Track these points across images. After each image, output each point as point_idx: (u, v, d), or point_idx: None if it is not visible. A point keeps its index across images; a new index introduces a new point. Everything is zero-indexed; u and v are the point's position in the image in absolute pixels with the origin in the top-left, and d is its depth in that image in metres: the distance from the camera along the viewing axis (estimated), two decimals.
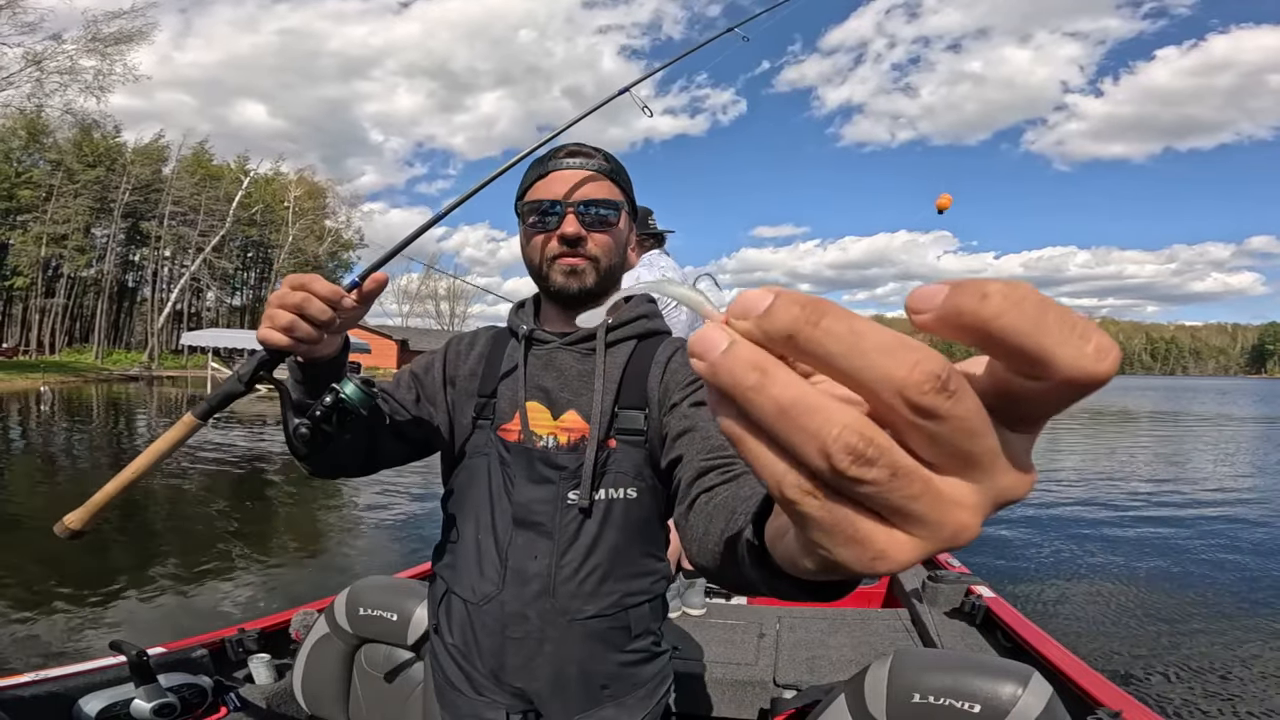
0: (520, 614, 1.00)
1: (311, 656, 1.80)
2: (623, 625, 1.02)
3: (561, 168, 1.02)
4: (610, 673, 1.03)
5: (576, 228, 1.00)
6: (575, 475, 0.99)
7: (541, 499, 1.00)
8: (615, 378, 1.02)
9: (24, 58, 33.73)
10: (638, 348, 1.06)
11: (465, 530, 1.06)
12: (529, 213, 1.03)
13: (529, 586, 1.00)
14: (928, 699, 1.12)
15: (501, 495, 1.02)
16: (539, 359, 1.06)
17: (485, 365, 1.11)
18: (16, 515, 6.96)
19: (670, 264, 2.73)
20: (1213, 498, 8.55)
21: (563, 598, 0.99)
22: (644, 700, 1.06)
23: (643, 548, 1.03)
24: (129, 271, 50.67)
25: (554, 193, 1.01)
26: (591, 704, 1.03)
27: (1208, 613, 4.49)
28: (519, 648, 1.01)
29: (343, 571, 5.20)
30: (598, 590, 1.00)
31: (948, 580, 2.57)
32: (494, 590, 1.01)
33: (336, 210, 58.69)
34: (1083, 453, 13.61)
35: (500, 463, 1.03)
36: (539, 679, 1.01)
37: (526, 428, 1.02)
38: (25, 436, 13.75)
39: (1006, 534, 6.58)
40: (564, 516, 0.99)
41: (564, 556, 0.99)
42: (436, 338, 63.01)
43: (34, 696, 1.48)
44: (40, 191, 42.51)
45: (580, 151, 1.04)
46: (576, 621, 1.00)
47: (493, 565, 1.02)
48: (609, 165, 1.04)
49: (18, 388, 26.28)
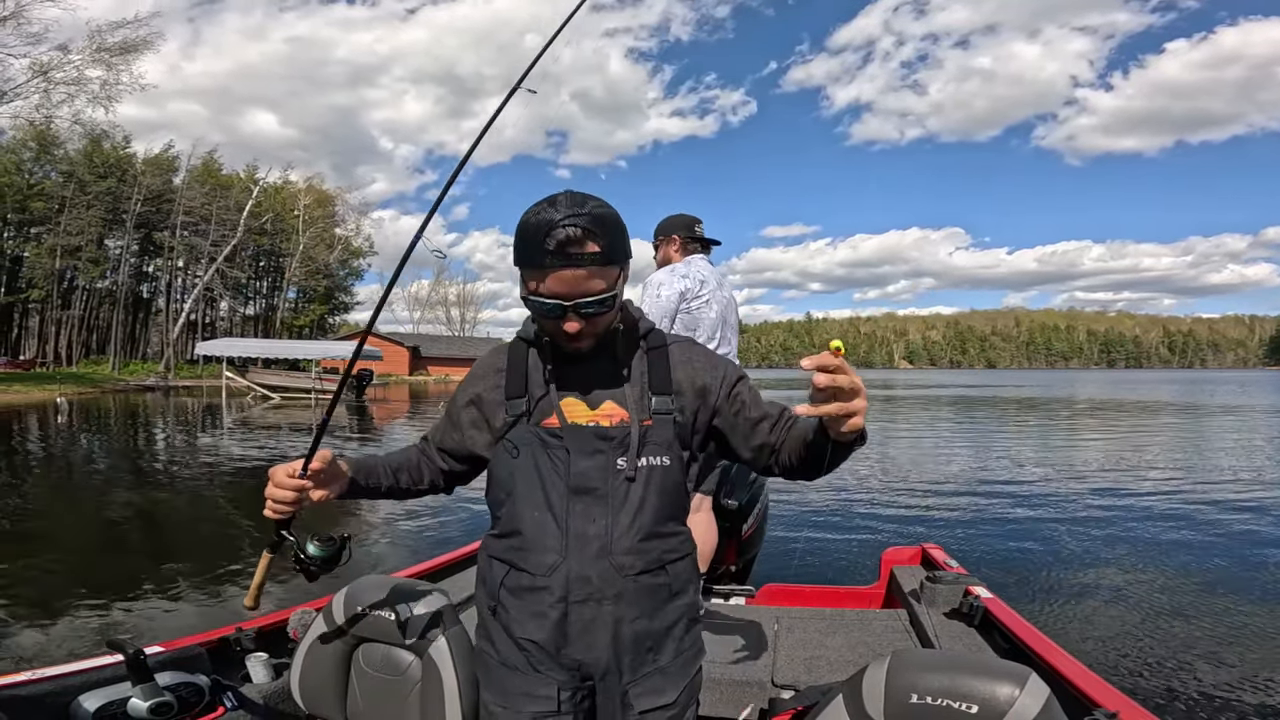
0: (583, 576, 1.16)
1: (309, 656, 1.81)
2: (664, 582, 1.20)
3: (559, 267, 1.08)
4: (656, 632, 1.20)
5: (578, 324, 1.13)
6: (622, 445, 1.18)
7: (595, 467, 1.17)
8: (641, 371, 1.23)
9: (30, 68, 34.15)
10: (648, 348, 1.27)
11: (522, 512, 1.20)
12: (533, 307, 1.16)
13: (589, 548, 1.16)
14: (925, 700, 1.11)
15: (552, 473, 1.18)
16: (566, 363, 1.22)
17: (510, 373, 1.27)
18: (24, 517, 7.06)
19: (697, 273, 2.92)
20: (1214, 496, 8.43)
21: (617, 554, 1.16)
22: (683, 669, 1.23)
23: (673, 510, 1.22)
24: (143, 282, 51.29)
25: (554, 292, 1.11)
26: (639, 670, 1.19)
27: (1208, 612, 4.44)
28: (580, 613, 1.16)
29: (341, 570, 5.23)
30: (643, 547, 1.18)
31: (946, 581, 2.55)
32: (558, 559, 1.17)
33: (346, 218, 59.11)
34: (1083, 452, 13.46)
35: (545, 447, 1.19)
36: (597, 646, 1.17)
37: (563, 417, 1.19)
38: (44, 445, 13.92)
39: (1005, 535, 6.53)
40: (614, 481, 1.17)
41: (617, 517, 1.17)
42: (447, 344, 63.30)
43: (31, 695, 1.49)
44: (53, 203, 43.02)
45: (571, 241, 1.06)
46: (629, 577, 1.17)
47: (554, 536, 1.17)
48: (600, 250, 1.09)
49: (35, 399, 26.61)
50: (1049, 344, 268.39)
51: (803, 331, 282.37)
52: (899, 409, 27.36)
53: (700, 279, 2.90)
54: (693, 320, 2.86)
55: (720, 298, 2.97)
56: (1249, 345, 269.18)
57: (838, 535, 6.48)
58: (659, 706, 1.19)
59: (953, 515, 7.38)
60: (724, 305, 2.98)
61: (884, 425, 19.48)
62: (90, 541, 6.32)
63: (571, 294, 1.10)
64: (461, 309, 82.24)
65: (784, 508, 7.38)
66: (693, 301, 2.86)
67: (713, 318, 2.90)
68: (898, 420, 21.62)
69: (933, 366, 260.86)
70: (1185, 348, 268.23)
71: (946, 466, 11.04)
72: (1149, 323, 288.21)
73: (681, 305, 2.84)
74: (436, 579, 2.82)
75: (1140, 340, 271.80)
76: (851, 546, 6.03)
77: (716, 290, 2.95)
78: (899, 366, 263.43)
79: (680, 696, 1.22)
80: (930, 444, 14.67)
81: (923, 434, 17.13)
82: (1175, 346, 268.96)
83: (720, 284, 2.99)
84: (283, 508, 1.19)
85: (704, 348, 1.32)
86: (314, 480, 1.20)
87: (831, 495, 8.35)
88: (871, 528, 6.77)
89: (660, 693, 1.20)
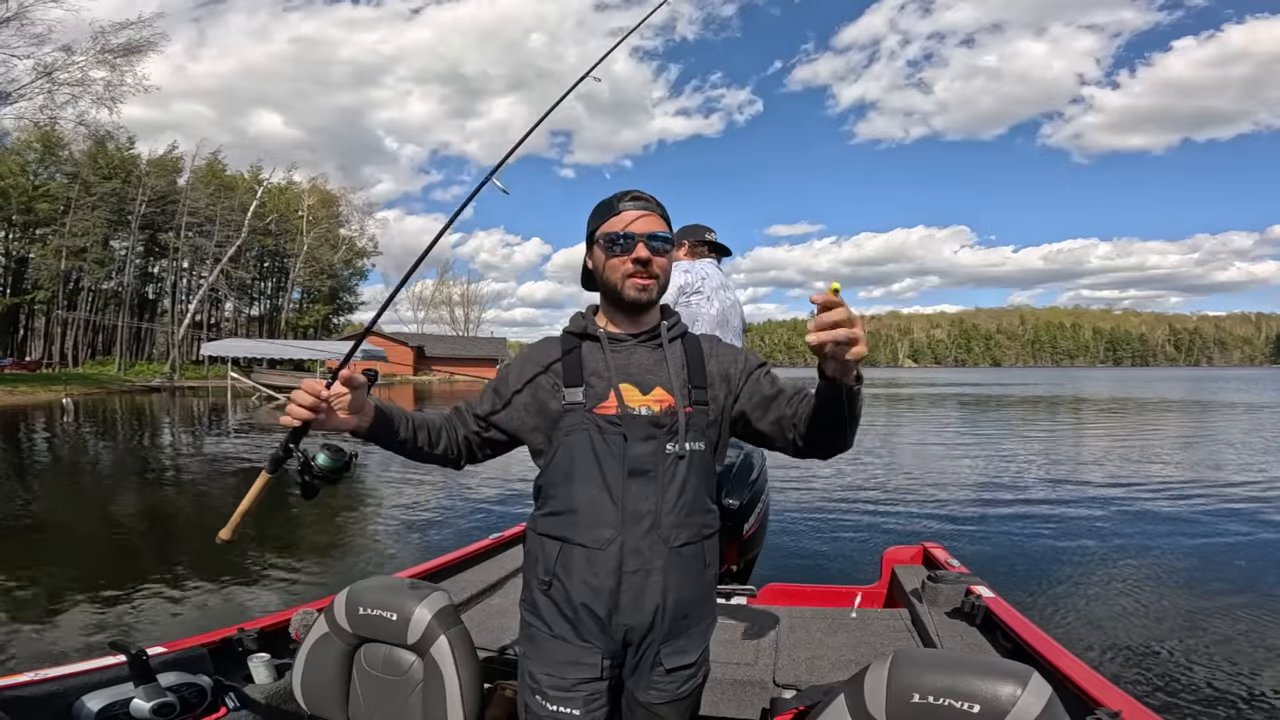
0: (636, 549, 1.31)
1: (311, 656, 1.81)
2: (699, 555, 1.37)
3: (630, 208, 1.36)
4: (691, 600, 1.36)
5: (646, 253, 1.34)
6: (672, 431, 1.33)
7: (650, 451, 1.32)
8: (680, 363, 1.39)
9: (34, 69, 34.27)
10: (685, 342, 1.44)
11: (579, 491, 1.33)
12: (608, 241, 1.36)
13: (641, 523, 1.31)
14: (927, 699, 1.11)
15: (608, 456, 1.31)
16: (620, 353, 1.39)
17: (566, 362, 1.39)
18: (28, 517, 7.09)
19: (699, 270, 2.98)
20: (1219, 496, 8.41)
21: (665, 528, 1.32)
22: (704, 634, 1.42)
23: (707, 489, 1.39)
24: (148, 283, 51.32)
25: (627, 226, 1.35)
26: (673, 632, 1.35)
27: (1212, 612, 4.43)
28: (632, 581, 1.31)
29: (342, 571, 5.24)
30: (686, 521, 1.34)
31: (948, 580, 2.54)
32: (614, 534, 1.31)
33: (350, 218, 59.19)
34: (1086, 451, 13.42)
35: (600, 432, 1.32)
36: (644, 611, 1.31)
37: (622, 403, 1.33)
38: (50, 445, 13.98)
39: (1007, 534, 6.53)
40: (665, 463, 1.32)
41: (665, 495, 1.32)
42: (451, 343, 63.37)
43: (34, 696, 1.50)
44: (58, 204, 43.14)
45: (641, 197, 1.38)
46: (673, 549, 1.32)
47: (610, 513, 1.31)
48: (660, 209, 1.39)
49: (41, 400, 26.73)
50: (1054, 342, 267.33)
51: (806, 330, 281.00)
52: (902, 408, 27.29)
53: (702, 275, 2.92)
54: (690, 315, 2.87)
55: (723, 297, 2.97)
56: (1255, 343, 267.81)
57: (839, 535, 6.48)
58: (682, 666, 1.37)
59: (954, 515, 7.37)
60: (726, 305, 2.98)
61: (886, 424, 19.45)
62: (94, 541, 6.35)
63: (642, 229, 1.34)
64: (466, 309, 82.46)
65: (785, 508, 7.38)
66: (692, 296, 2.88)
67: (713, 314, 2.91)
68: (901, 419, 21.59)
69: (937, 365, 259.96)
70: (1191, 345, 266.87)
71: (948, 465, 11.02)
72: (1155, 320, 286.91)
73: (680, 299, 2.86)
74: (438, 579, 2.82)
75: (1146, 338, 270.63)
76: (853, 546, 6.03)
77: (719, 290, 2.96)
78: (904, 365, 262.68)
79: (699, 657, 1.40)
80: (932, 443, 14.64)
81: (925, 433, 17.09)
82: (1181, 344, 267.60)
83: (724, 285, 3.00)
84: (301, 412, 1.22)
85: (727, 344, 1.49)
86: (339, 400, 1.25)
87: (833, 495, 8.34)
88: (873, 527, 6.76)
89: (685, 653, 1.37)
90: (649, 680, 1.36)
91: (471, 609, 2.66)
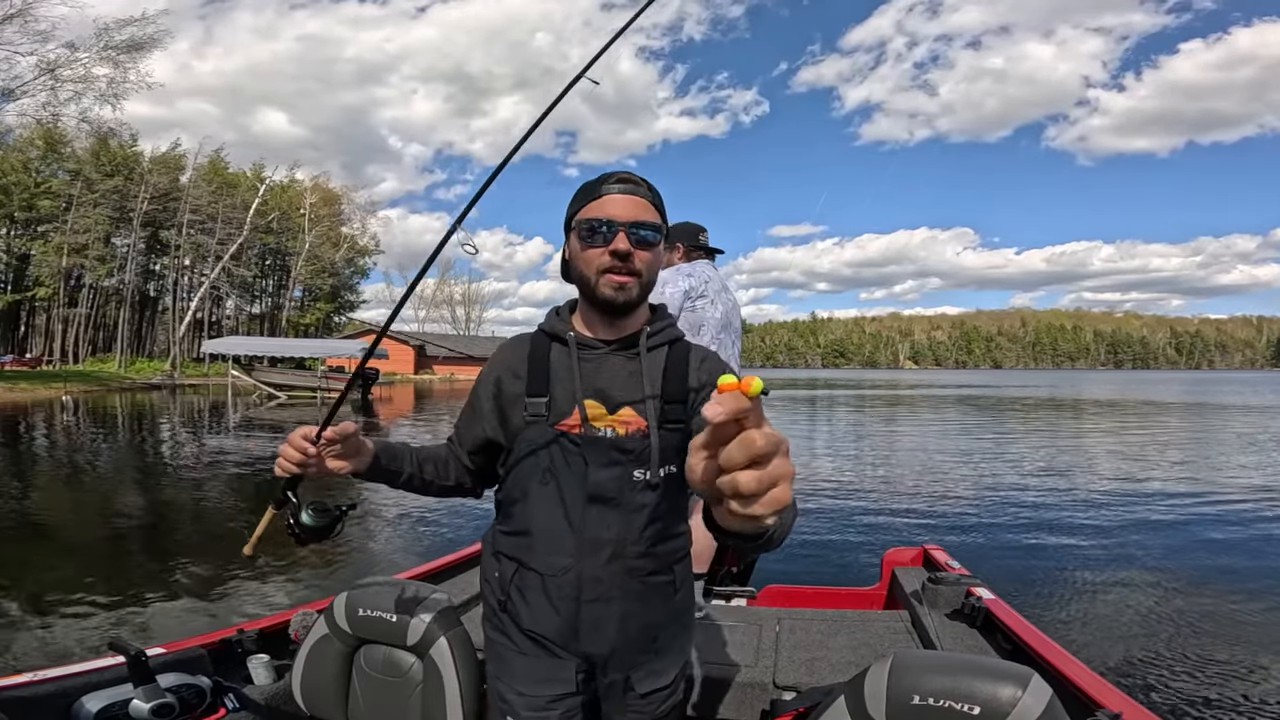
0: (595, 578, 1.19)
1: (311, 657, 1.81)
2: (669, 580, 1.26)
3: (614, 192, 1.18)
4: (661, 623, 1.26)
5: (627, 245, 1.15)
6: (640, 458, 1.18)
7: (613, 478, 1.18)
8: (658, 377, 1.22)
9: (37, 66, 34.27)
10: (671, 351, 1.25)
11: (535, 513, 1.22)
12: (583, 228, 1.18)
13: (602, 553, 1.19)
14: (927, 701, 1.11)
15: (569, 478, 1.19)
16: (590, 362, 1.23)
17: (530, 367, 1.25)
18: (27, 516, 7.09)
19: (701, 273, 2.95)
20: (1219, 497, 8.40)
21: (629, 558, 1.20)
22: (679, 654, 1.32)
23: (679, 513, 1.28)
24: (150, 280, 51.40)
25: (607, 213, 1.16)
26: (642, 657, 1.25)
27: (1212, 613, 4.42)
28: (591, 610, 1.20)
29: (342, 572, 5.24)
30: (653, 551, 1.22)
31: (948, 582, 2.54)
32: (571, 561, 1.19)
33: (352, 217, 59.21)
34: (1086, 453, 13.40)
35: (563, 451, 1.19)
36: (607, 640, 1.22)
37: (586, 421, 1.19)
38: (50, 443, 13.98)
39: (1008, 536, 6.52)
40: (631, 491, 1.19)
41: (630, 524, 1.19)
42: (453, 343, 63.30)
43: (32, 696, 1.49)
44: (60, 201, 43.17)
45: (629, 179, 1.20)
46: (639, 578, 1.21)
47: (568, 539, 1.19)
48: (652, 194, 1.21)
49: (42, 397, 26.74)
50: (1055, 344, 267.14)
51: (807, 331, 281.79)
52: (903, 409, 27.28)
53: (705, 278, 2.92)
54: (696, 319, 2.88)
55: (725, 299, 2.98)
56: (1256, 346, 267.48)
57: (839, 536, 6.47)
58: (657, 689, 1.28)
59: (955, 516, 7.36)
60: (729, 308, 2.99)
61: (887, 425, 19.44)
62: (92, 540, 6.35)
63: (625, 217, 1.16)
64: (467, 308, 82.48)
65: None
66: (697, 300, 2.89)
67: (717, 318, 2.93)
68: (901, 420, 21.57)
69: (938, 367, 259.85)
70: (1193, 348, 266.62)
71: (948, 467, 11.01)
72: (1156, 323, 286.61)
73: (686, 304, 2.86)
74: (438, 581, 2.82)
75: (1147, 341, 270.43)
76: (853, 547, 6.03)
77: (721, 292, 2.97)
78: (904, 366, 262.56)
79: (676, 677, 1.31)
80: (932, 444, 14.62)
81: (925, 434, 17.07)
82: (1182, 347, 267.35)
83: (724, 287, 3.01)
84: (290, 466, 1.19)
85: (721, 360, 1.32)
86: (330, 449, 1.20)
87: (833, 496, 8.34)
88: (873, 528, 6.75)
89: (659, 675, 1.28)
90: (624, 703, 1.28)
91: (471, 610, 2.66)
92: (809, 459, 11.77)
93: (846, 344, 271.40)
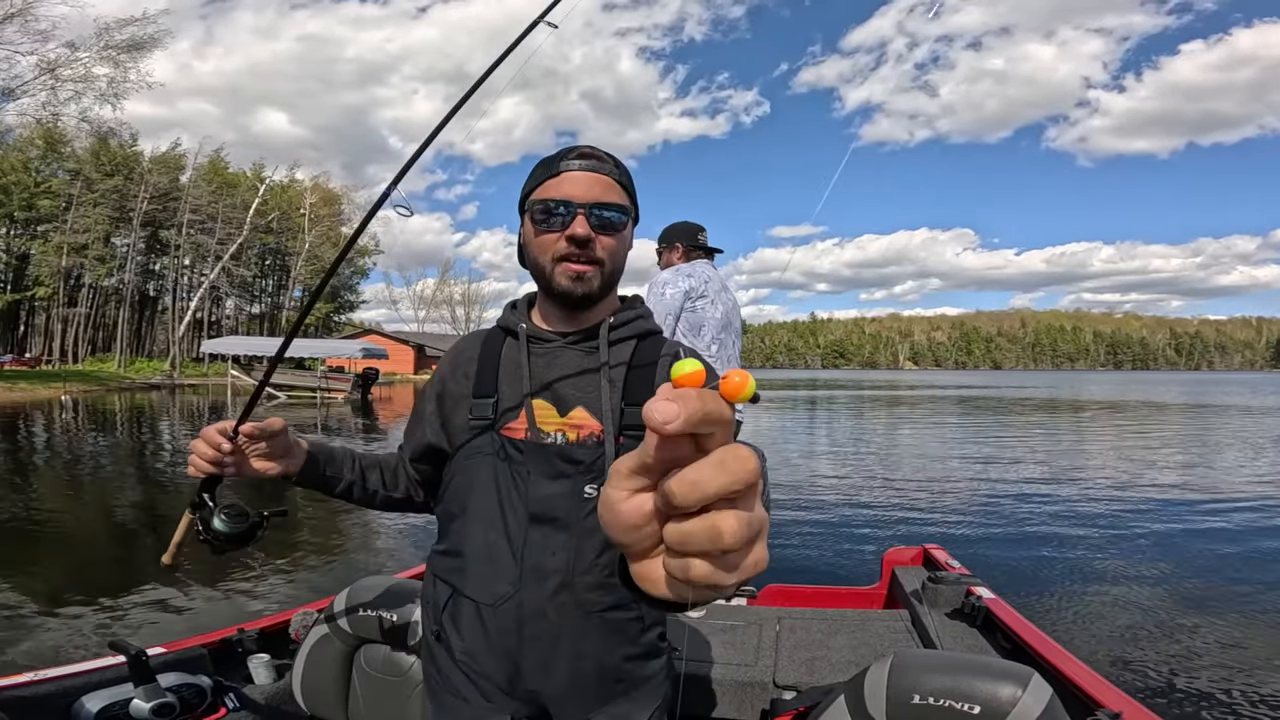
0: (539, 611, 1.00)
1: (311, 657, 1.82)
2: (636, 616, 1.04)
3: (573, 169, 1.02)
4: (624, 666, 1.04)
5: (586, 229, 0.99)
6: (592, 469, 1.00)
7: (559, 494, 1.00)
8: (620, 375, 1.04)
9: (37, 66, 34.29)
10: (639, 346, 1.08)
11: (472, 531, 1.04)
12: (537, 210, 1.02)
13: (547, 583, 1.00)
14: (927, 700, 1.11)
15: (512, 493, 1.02)
16: (542, 357, 1.07)
17: (479, 366, 1.10)
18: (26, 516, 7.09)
19: (701, 273, 2.95)
20: (1219, 496, 8.39)
21: (581, 590, 1.00)
22: (653, 694, 1.08)
23: None
24: (149, 280, 51.41)
25: (565, 193, 1.01)
26: (606, 699, 1.04)
27: (1212, 613, 4.42)
28: (535, 647, 1.01)
29: (342, 572, 5.24)
30: (611, 582, 1.00)
31: (948, 581, 2.54)
32: (510, 590, 1.01)
33: (352, 217, 59.18)
34: (1086, 452, 13.40)
35: (508, 461, 1.02)
36: (556, 679, 1.02)
37: (534, 425, 1.02)
38: (49, 443, 13.98)
39: (1008, 536, 6.51)
40: (582, 510, 1.00)
41: (582, 550, 1.00)
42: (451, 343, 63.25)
43: (33, 696, 1.50)
44: (60, 201, 43.17)
45: (593, 154, 1.04)
46: (595, 614, 1.01)
47: (507, 565, 1.01)
48: (619, 171, 1.05)
49: (41, 397, 26.70)
50: (1055, 345, 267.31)
51: (807, 332, 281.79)
52: (903, 409, 27.28)
53: (705, 278, 2.93)
54: (697, 319, 2.88)
55: (725, 299, 2.98)
56: (1256, 347, 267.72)
57: (839, 535, 6.46)
58: None
59: (954, 516, 7.35)
60: (728, 308, 3.00)
61: (887, 426, 19.44)
62: (92, 540, 6.35)
63: (585, 197, 1.00)
64: (467, 308, 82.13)
65: (785, 508, 7.37)
66: (698, 300, 2.90)
67: (717, 318, 2.94)
68: (901, 420, 21.57)
69: (938, 367, 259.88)
70: (1192, 349, 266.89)
71: (948, 467, 11.00)
72: (1155, 324, 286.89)
73: (686, 304, 2.87)
74: None
75: (1147, 342, 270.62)
76: (853, 547, 6.02)
77: (721, 292, 2.97)
78: (904, 367, 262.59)
79: (654, 712, 1.09)
80: (932, 444, 14.62)
81: (925, 434, 17.07)
82: (1182, 348, 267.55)
83: (724, 287, 3.02)
84: (202, 465, 1.07)
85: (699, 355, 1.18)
86: (252, 447, 1.09)
87: (833, 496, 8.33)
88: (873, 528, 6.75)
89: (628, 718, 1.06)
90: None
91: None
92: (809, 459, 11.78)
93: (846, 344, 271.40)
